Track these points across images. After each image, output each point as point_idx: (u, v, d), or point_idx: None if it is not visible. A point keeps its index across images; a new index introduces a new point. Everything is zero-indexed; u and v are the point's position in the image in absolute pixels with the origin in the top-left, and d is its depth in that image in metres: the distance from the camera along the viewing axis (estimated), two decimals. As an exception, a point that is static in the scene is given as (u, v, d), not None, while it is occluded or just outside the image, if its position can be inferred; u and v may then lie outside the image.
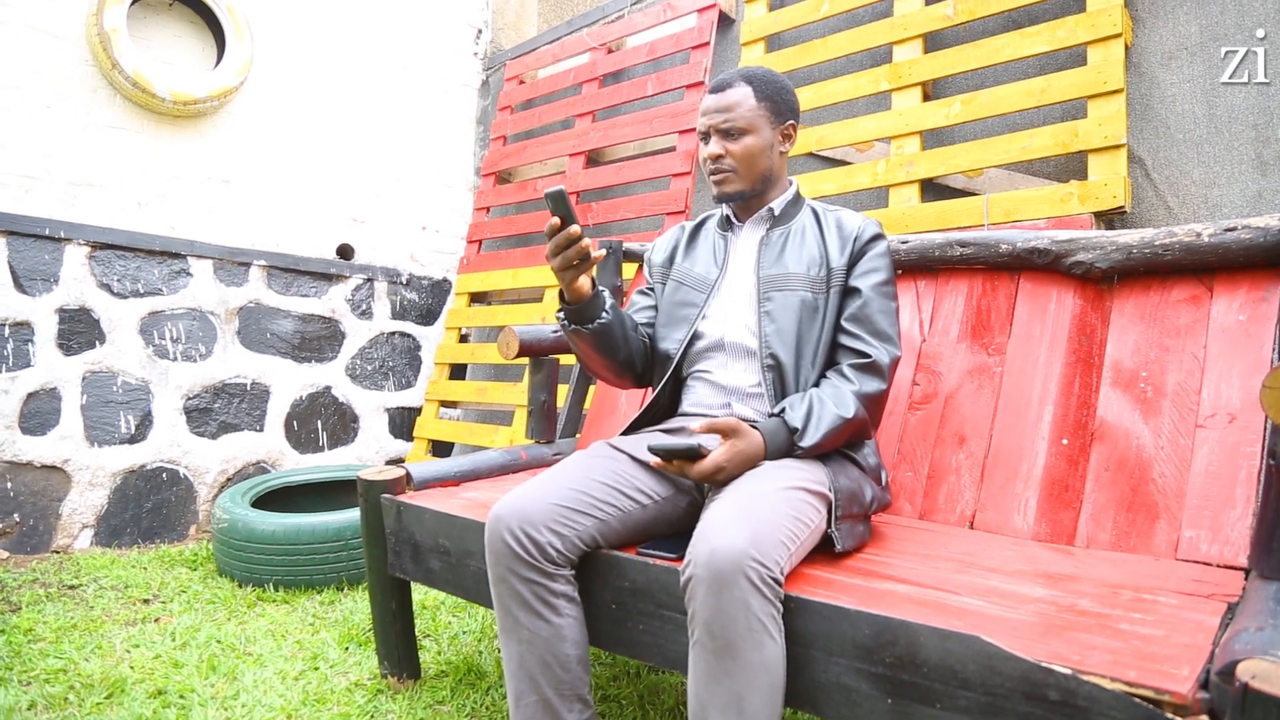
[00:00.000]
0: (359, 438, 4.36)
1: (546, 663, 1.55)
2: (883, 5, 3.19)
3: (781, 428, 1.62)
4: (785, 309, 1.77)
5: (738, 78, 1.82)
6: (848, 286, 1.78)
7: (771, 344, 1.76)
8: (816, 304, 1.76)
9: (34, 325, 3.34)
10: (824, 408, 1.63)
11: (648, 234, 3.58)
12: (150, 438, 3.62)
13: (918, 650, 1.22)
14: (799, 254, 1.82)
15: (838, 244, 1.80)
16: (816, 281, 1.78)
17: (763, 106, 1.80)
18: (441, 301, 4.75)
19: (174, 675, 2.23)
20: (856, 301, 1.75)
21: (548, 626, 1.55)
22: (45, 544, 3.34)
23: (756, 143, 1.80)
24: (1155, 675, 1.06)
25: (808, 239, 1.84)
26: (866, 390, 1.68)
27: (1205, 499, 1.64)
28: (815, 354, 1.75)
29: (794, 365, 1.74)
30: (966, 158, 2.77)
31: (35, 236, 3.36)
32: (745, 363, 1.81)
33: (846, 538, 1.60)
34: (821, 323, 1.76)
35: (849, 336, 1.74)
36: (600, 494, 1.64)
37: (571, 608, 1.58)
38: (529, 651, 1.56)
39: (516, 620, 1.56)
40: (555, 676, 1.56)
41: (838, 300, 1.77)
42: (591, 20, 4.37)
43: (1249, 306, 1.75)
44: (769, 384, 1.76)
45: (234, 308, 3.91)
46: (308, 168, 4.22)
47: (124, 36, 3.47)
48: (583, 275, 1.71)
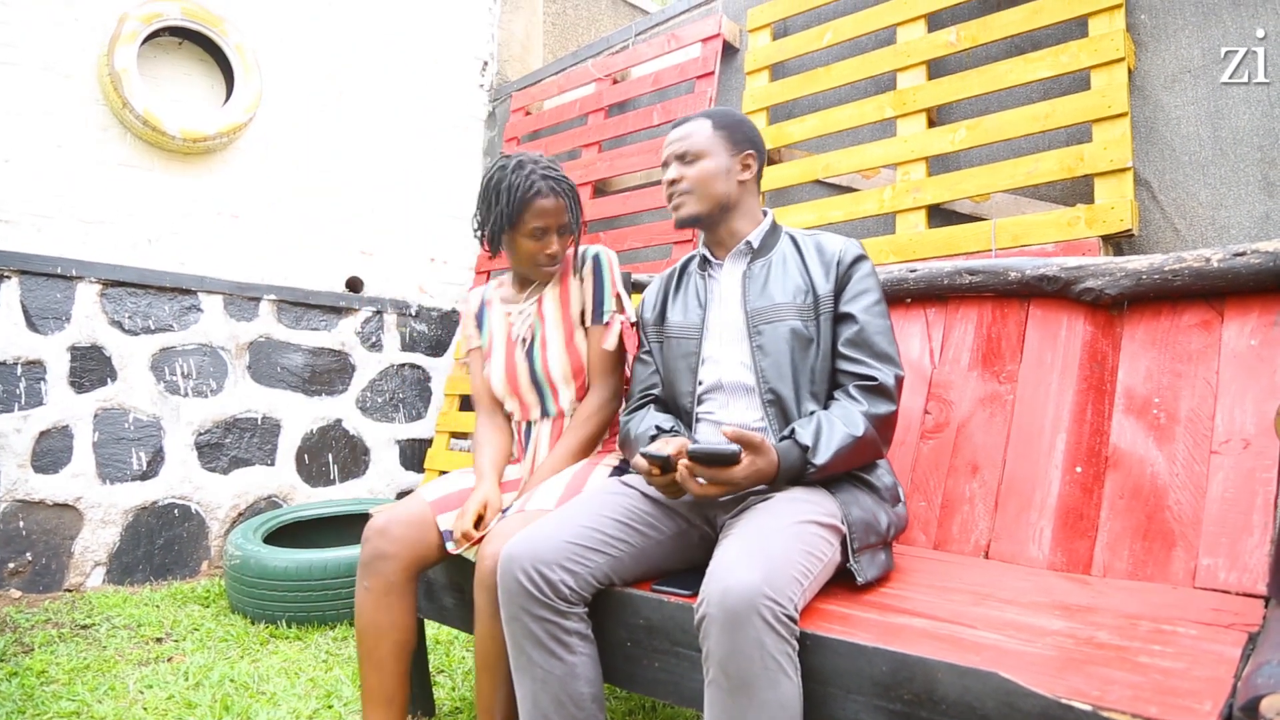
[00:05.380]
0: (370, 470, 4.36)
1: (560, 701, 1.54)
2: (886, 33, 3.21)
3: (793, 447, 1.61)
4: (776, 340, 1.75)
5: (698, 115, 1.89)
6: (839, 313, 1.76)
7: (769, 378, 1.75)
8: (808, 332, 1.74)
9: (46, 363, 3.36)
10: (833, 427, 1.62)
11: (655, 264, 3.59)
12: (162, 474, 3.63)
13: (935, 687, 1.21)
14: (783, 283, 1.80)
15: (821, 270, 1.79)
16: (805, 309, 1.76)
17: (719, 134, 1.85)
18: (451, 332, 4.76)
19: (188, 716, 2.22)
20: (853, 327, 1.73)
21: (561, 665, 1.54)
22: (58, 583, 3.34)
23: (711, 166, 1.84)
24: (1177, 711, 1.05)
25: (789, 267, 1.82)
26: (876, 411, 1.66)
27: (1222, 526, 1.63)
28: (813, 384, 1.74)
29: (794, 397, 1.73)
30: (973, 183, 2.77)
31: (47, 275, 3.38)
32: (745, 400, 1.80)
33: (868, 568, 1.59)
34: (816, 352, 1.74)
35: (849, 361, 1.72)
36: (613, 530, 1.64)
37: (585, 645, 1.58)
38: (543, 690, 1.55)
39: (530, 659, 1.55)
40: (569, 715, 1.55)
41: (830, 327, 1.75)
42: (596, 51, 4.40)
43: (1260, 331, 1.74)
44: (771, 419, 1.75)
45: (244, 342, 3.92)
46: (316, 201, 4.25)
47: (134, 76, 3.51)
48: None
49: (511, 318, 2.21)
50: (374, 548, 1.88)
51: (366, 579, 1.89)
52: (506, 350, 2.18)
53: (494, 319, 2.26)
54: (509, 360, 2.17)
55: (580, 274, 2.16)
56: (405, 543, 1.88)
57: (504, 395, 2.19)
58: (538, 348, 2.13)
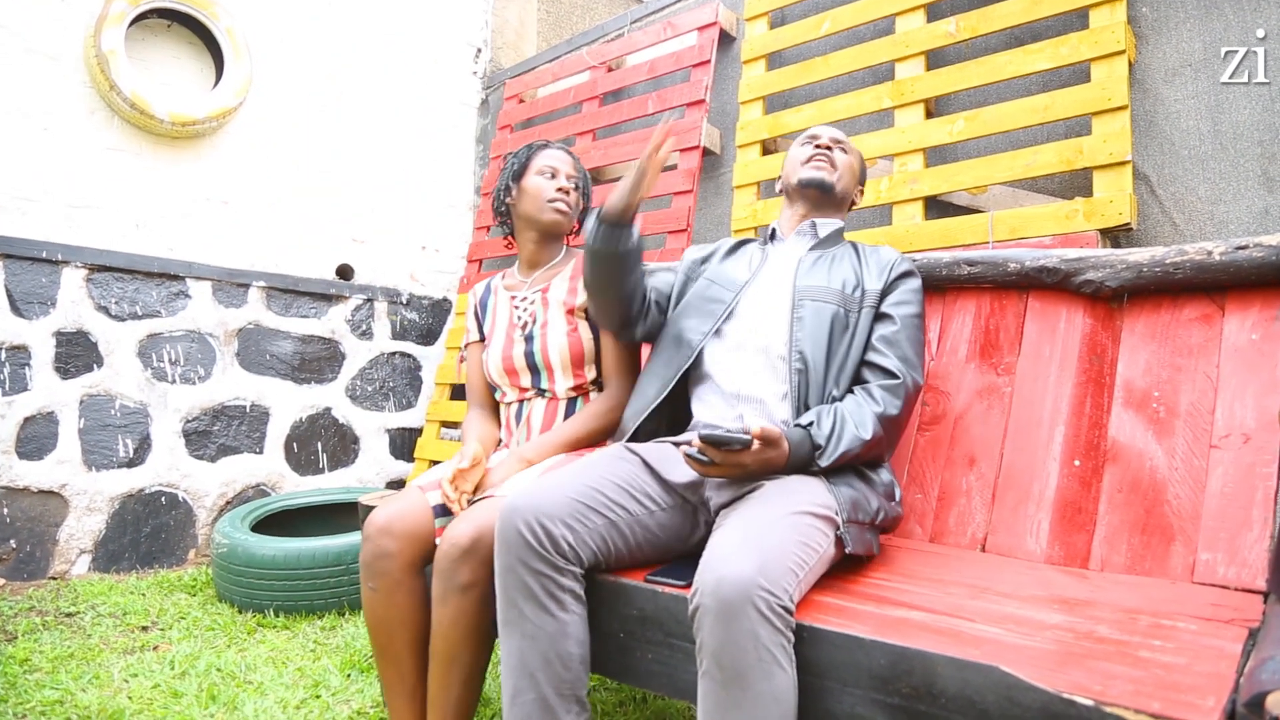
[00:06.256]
0: (360, 459, 4.33)
1: (548, 659, 1.51)
2: (884, 23, 3.19)
3: (806, 441, 1.62)
4: (818, 318, 1.81)
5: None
6: (880, 312, 1.85)
7: (802, 345, 1.78)
8: (848, 321, 1.82)
9: (31, 348, 3.32)
10: (845, 427, 1.65)
11: (650, 253, 3.56)
12: (149, 461, 3.59)
13: (935, 680, 1.19)
14: (836, 273, 1.90)
15: (875, 271, 1.91)
16: (850, 299, 1.85)
17: (855, 159, 2.15)
18: (442, 321, 4.73)
19: (173, 705, 2.19)
20: (891, 326, 1.82)
21: (553, 622, 1.52)
22: (42, 570, 3.30)
23: (853, 168, 2.12)
24: (1180, 707, 1.03)
25: (844, 264, 1.93)
26: (889, 413, 1.70)
27: (1221, 521, 1.62)
28: (843, 367, 1.78)
29: (822, 371, 1.76)
30: (970, 175, 2.75)
31: (32, 259, 3.34)
32: (770, 368, 1.82)
33: (856, 543, 1.59)
34: (851, 339, 1.81)
35: (879, 355, 1.79)
36: (613, 494, 1.64)
37: (577, 605, 1.56)
38: (531, 647, 1.52)
39: (521, 613, 1.53)
40: (556, 674, 1.52)
41: (869, 322, 1.83)
42: (591, 39, 4.37)
43: (1262, 325, 1.73)
44: (794, 387, 1.76)
45: (233, 329, 3.89)
46: (307, 188, 4.21)
47: (122, 58, 3.46)
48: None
49: (515, 302, 2.20)
50: (375, 547, 1.84)
51: (371, 580, 1.85)
52: (507, 332, 2.18)
53: (498, 304, 2.26)
54: (508, 341, 2.16)
55: None
56: (407, 538, 1.84)
57: (499, 376, 2.17)
58: (538, 330, 2.12)
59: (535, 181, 2.15)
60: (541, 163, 2.16)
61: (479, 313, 2.31)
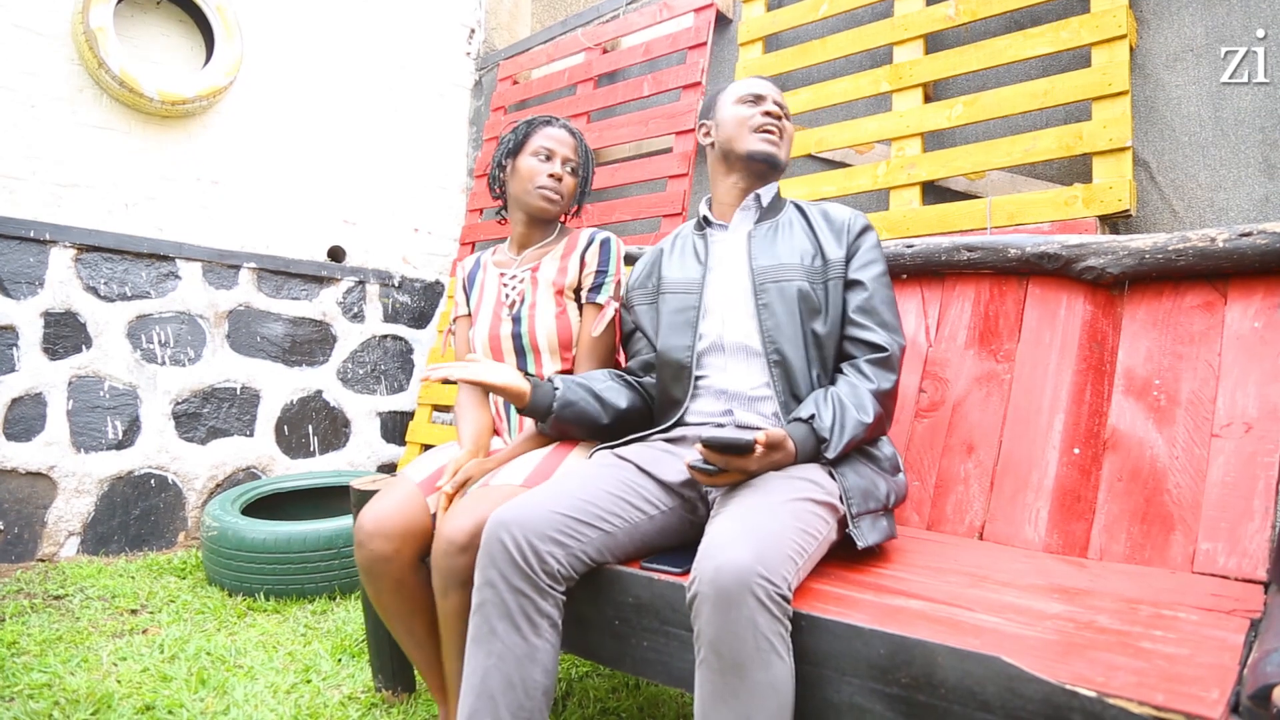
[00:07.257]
0: (351, 442, 4.31)
1: (511, 683, 1.45)
2: (883, 5, 3.16)
3: (811, 436, 1.59)
4: (784, 301, 1.75)
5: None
6: (849, 279, 1.78)
7: (776, 339, 1.73)
8: (815, 296, 1.75)
9: (18, 329, 3.28)
10: (846, 414, 1.61)
11: (644, 236, 3.54)
12: (138, 443, 3.56)
13: (935, 670, 1.17)
14: (790, 245, 1.82)
15: (831, 235, 1.82)
16: (813, 271, 1.77)
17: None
18: (434, 304, 4.69)
19: (162, 689, 2.17)
20: (863, 294, 1.76)
21: (524, 645, 1.46)
22: (30, 552, 3.28)
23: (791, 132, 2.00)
24: (1184, 698, 1.02)
25: (796, 231, 1.85)
26: (884, 388, 1.68)
27: (1222, 510, 1.61)
28: (821, 348, 1.74)
29: (802, 362, 1.72)
30: (969, 160, 2.73)
31: (20, 239, 3.29)
32: (748, 363, 1.77)
33: (869, 532, 1.56)
34: (824, 316, 1.74)
35: (859, 328, 1.74)
36: (607, 504, 1.59)
37: (552, 633, 1.50)
38: (496, 668, 1.46)
39: (493, 630, 1.47)
40: (516, 701, 1.46)
41: (839, 293, 1.76)
42: (586, 20, 4.32)
43: (1265, 313, 1.72)
44: (776, 380, 1.72)
45: (223, 311, 3.85)
46: (298, 169, 4.17)
47: (110, 35, 3.41)
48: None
49: (504, 279, 2.16)
50: (371, 553, 1.80)
51: (373, 584, 1.82)
52: (494, 312, 2.13)
53: (487, 280, 2.21)
54: (494, 321, 2.12)
55: (584, 254, 2.10)
56: (402, 538, 1.80)
57: (484, 354, 2.13)
58: (525, 311, 2.08)
59: (528, 163, 2.09)
60: (538, 142, 2.10)
61: (466, 286, 2.27)
